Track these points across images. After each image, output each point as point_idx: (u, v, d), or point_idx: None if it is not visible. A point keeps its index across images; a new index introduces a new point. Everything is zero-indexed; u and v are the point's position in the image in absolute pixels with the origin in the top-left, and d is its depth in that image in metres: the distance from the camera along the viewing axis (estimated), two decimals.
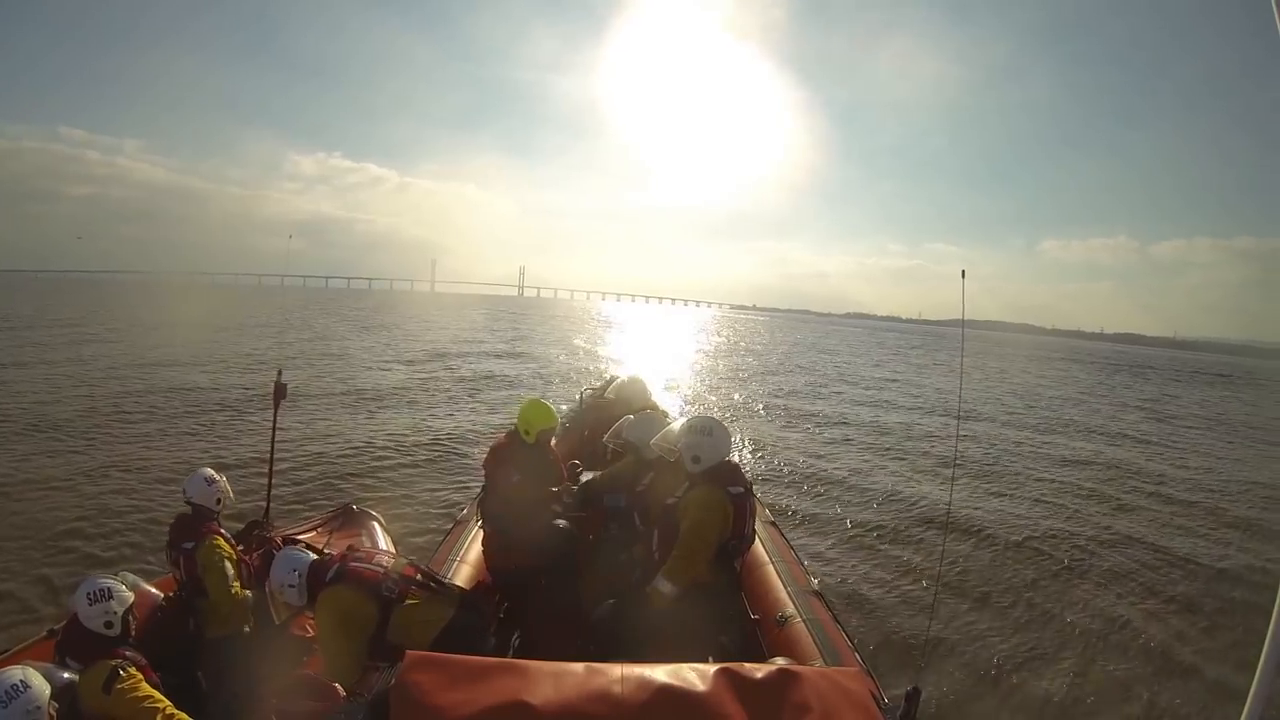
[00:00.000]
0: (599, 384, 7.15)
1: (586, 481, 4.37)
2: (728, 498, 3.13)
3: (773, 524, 5.01)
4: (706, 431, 3.30)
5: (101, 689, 2.38)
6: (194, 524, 3.39)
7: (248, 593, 3.36)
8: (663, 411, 5.48)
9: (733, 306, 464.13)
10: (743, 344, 47.44)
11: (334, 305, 65.06)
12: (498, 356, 26.02)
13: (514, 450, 3.97)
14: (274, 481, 4.92)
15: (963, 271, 2.88)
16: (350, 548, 3.20)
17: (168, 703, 2.48)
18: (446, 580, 3.26)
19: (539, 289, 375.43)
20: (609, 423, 5.74)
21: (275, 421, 4.63)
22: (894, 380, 27.22)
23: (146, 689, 2.48)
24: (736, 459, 3.99)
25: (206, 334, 25.12)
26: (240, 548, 3.58)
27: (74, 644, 2.61)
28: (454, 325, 40.97)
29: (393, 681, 1.65)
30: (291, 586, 2.97)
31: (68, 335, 24.11)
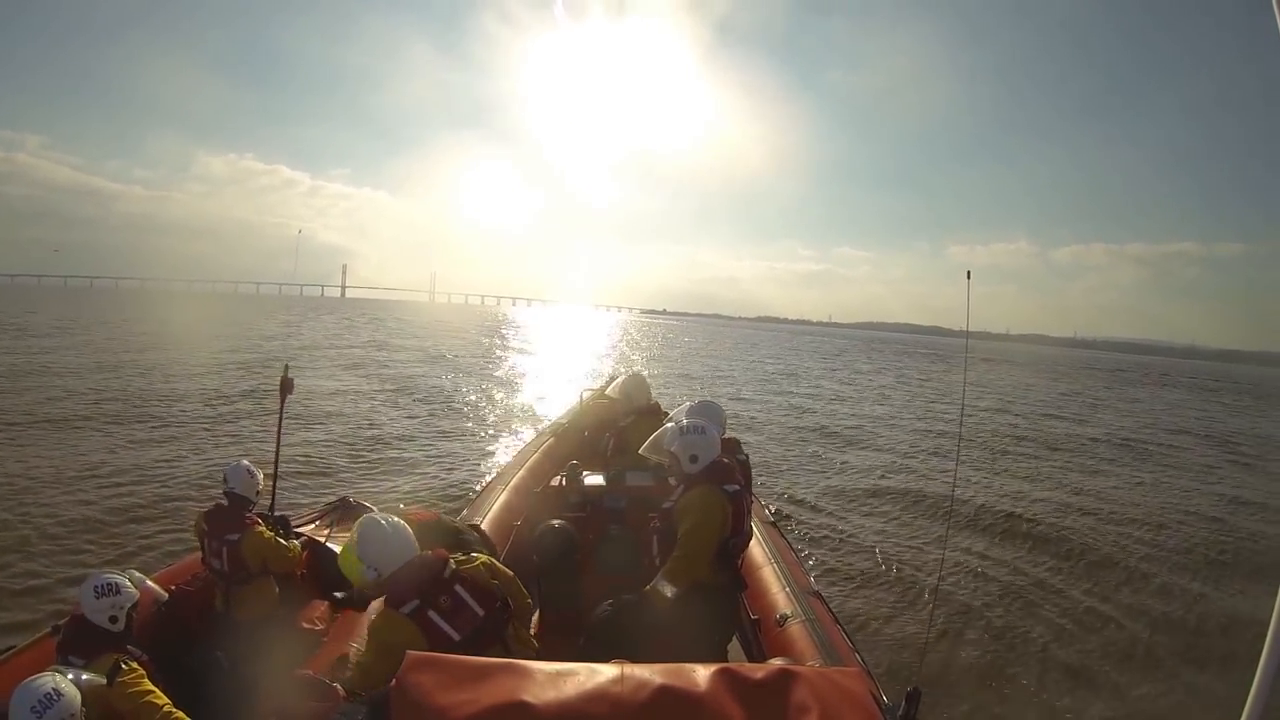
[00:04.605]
0: (599, 383, 7.13)
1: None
2: (725, 496, 3.13)
3: (773, 524, 5.00)
4: (700, 430, 3.27)
5: (106, 684, 2.38)
6: (234, 514, 3.51)
7: (296, 544, 3.68)
8: (665, 412, 5.46)
9: (643, 311, 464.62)
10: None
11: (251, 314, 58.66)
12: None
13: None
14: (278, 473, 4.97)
15: (968, 273, 2.82)
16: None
17: (168, 701, 2.48)
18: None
19: (449, 294, 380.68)
20: (609, 422, 5.71)
21: (281, 417, 4.64)
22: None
23: (148, 685, 2.48)
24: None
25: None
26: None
27: (76, 640, 2.61)
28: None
29: (393, 682, 1.65)
30: (373, 569, 2.63)
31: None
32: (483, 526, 4.50)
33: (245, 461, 3.70)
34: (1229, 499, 11.66)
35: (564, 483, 4.65)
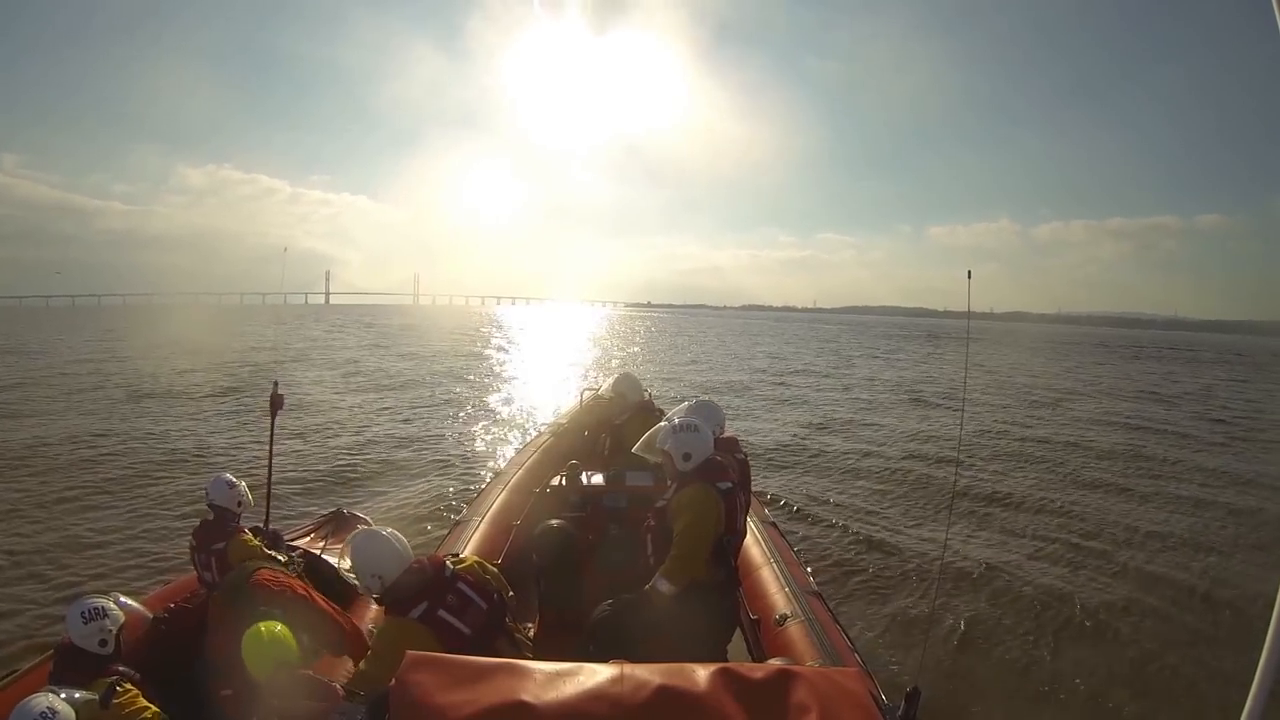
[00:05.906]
0: (597, 383, 7.16)
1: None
2: (718, 494, 3.13)
3: (772, 524, 5.00)
4: (692, 428, 3.28)
5: (99, 704, 2.38)
6: (220, 526, 3.53)
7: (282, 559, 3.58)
8: (659, 409, 5.48)
9: (628, 305, 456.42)
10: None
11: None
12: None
13: None
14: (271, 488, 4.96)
15: (969, 272, 2.84)
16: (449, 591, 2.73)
17: (167, 717, 2.49)
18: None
19: (434, 296, 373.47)
20: (607, 421, 5.73)
21: (272, 431, 4.68)
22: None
23: (143, 703, 2.49)
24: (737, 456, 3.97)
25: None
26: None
27: (67, 666, 2.62)
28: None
29: (392, 681, 1.64)
30: (376, 576, 2.69)
31: None
32: (482, 526, 4.51)
33: (225, 475, 3.71)
34: (1247, 482, 11.60)
35: (564, 482, 4.66)
